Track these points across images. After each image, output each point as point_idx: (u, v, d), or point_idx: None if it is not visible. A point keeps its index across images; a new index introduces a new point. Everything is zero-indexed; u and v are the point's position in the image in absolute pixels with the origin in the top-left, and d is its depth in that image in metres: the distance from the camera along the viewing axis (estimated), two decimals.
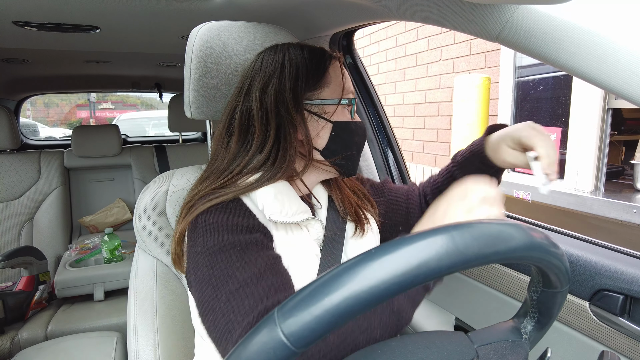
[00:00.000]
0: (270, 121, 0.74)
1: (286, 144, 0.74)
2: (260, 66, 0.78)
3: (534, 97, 3.33)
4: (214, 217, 0.69)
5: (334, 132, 0.78)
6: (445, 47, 4.25)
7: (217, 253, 0.65)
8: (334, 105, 0.78)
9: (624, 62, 0.52)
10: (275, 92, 0.74)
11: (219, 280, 0.63)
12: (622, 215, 2.54)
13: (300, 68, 0.76)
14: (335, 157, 0.79)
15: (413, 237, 0.34)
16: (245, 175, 0.74)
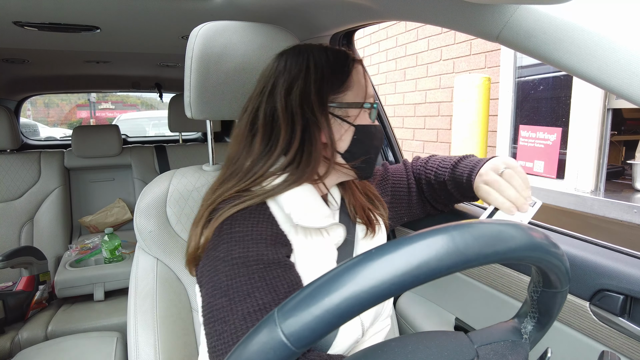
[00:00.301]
0: (296, 122, 0.74)
1: (311, 146, 0.74)
2: (284, 67, 0.77)
3: (534, 97, 3.33)
4: (240, 225, 0.68)
5: (356, 135, 0.78)
6: (445, 47, 4.25)
7: (240, 266, 0.65)
8: (357, 109, 0.78)
9: (624, 62, 0.52)
10: (301, 93, 0.74)
11: (237, 294, 0.62)
12: (623, 215, 2.54)
13: (325, 70, 0.76)
14: (356, 160, 0.79)
15: (413, 237, 0.34)
16: (271, 177, 0.74)
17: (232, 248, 0.66)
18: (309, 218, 0.71)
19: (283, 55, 0.79)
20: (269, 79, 0.78)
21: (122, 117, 7.72)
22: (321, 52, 0.78)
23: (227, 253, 0.66)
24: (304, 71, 0.75)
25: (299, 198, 0.72)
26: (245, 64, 0.91)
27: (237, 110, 0.94)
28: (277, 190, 0.72)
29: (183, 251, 0.92)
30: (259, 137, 0.76)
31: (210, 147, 1.02)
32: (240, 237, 0.67)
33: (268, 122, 0.76)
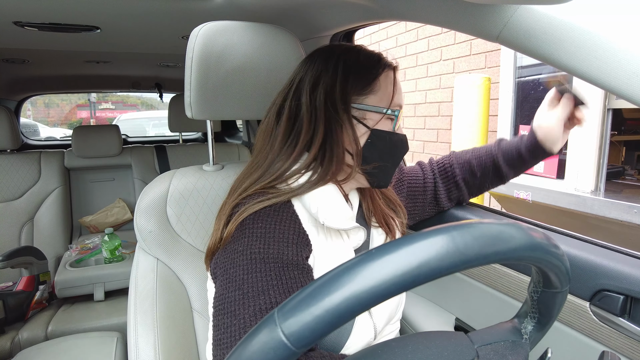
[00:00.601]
0: (319, 119, 0.74)
1: (332, 144, 0.74)
2: (314, 63, 0.77)
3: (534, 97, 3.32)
4: (263, 221, 0.68)
5: (369, 139, 0.76)
6: (445, 47, 4.25)
7: (258, 262, 0.64)
8: (377, 114, 0.76)
9: (624, 62, 0.52)
10: (326, 89, 0.74)
11: (251, 289, 0.62)
12: (623, 216, 2.54)
13: (352, 69, 0.75)
14: (368, 165, 0.77)
15: (413, 237, 0.34)
16: (296, 174, 0.73)
17: (253, 243, 0.66)
18: (335, 219, 0.71)
19: (316, 52, 0.79)
20: (297, 73, 0.78)
21: (122, 117, 7.72)
22: (353, 52, 0.78)
23: (246, 247, 0.66)
24: (332, 68, 0.75)
25: (325, 198, 0.72)
26: (245, 64, 0.91)
27: (237, 110, 0.94)
28: (302, 189, 0.71)
29: (183, 251, 0.93)
30: (281, 130, 0.76)
31: (211, 147, 1.02)
32: (262, 234, 0.67)
33: (292, 117, 0.76)
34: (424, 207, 1.04)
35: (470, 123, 3.52)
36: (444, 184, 1.04)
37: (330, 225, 0.71)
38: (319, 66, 0.76)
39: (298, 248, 0.68)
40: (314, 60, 0.78)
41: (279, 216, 0.69)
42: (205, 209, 0.94)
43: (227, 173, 0.98)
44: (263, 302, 0.60)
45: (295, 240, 0.68)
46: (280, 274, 0.64)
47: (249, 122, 2.78)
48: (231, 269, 0.65)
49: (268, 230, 0.67)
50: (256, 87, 0.94)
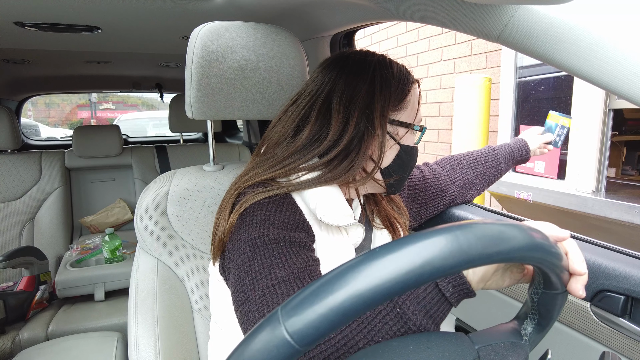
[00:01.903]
0: (348, 129, 0.74)
1: (355, 156, 0.74)
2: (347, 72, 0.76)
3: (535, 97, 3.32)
4: (262, 209, 0.69)
5: (399, 154, 0.79)
6: (446, 47, 4.25)
7: (260, 245, 0.65)
8: (405, 129, 0.78)
9: (625, 63, 0.52)
10: (363, 103, 0.74)
11: (258, 272, 0.63)
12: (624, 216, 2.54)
13: (390, 85, 0.76)
14: (392, 177, 0.79)
15: (417, 236, 0.34)
16: (301, 172, 0.74)
17: (252, 229, 0.67)
18: (333, 215, 0.72)
19: (345, 60, 0.79)
20: (327, 80, 0.77)
21: (122, 118, 7.72)
22: (386, 66, 0.78)
23: (247, 235, 0.67)
24: (369, 81, 0.75)
25: (324, 195, 0.73)
26: (245, 64, 0.91)
27: (238, 110, 0.94)
28: (303, 185, 0.72)
29: (184, 251, 0.93)
30: (306, 134, 0.76)
31: (211, 147, 1.02)
32: (262, 220, 0.68)
33: (319, 121, 0.76)
34: (425, 204, 1.05)
35: (470, 123, 3.51)
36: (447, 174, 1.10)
37: (328, 222, 0.72)
38: (353, 76, 0.76)
39: (298, 232, 0.69)
40: (346, 68, 0.77)
41: (279, 206, 0.70)
42: (206, 209, 0.94)
43: (228, 173, 0.98)
44: (270, 281, 0.61)
45: (295, 226, 0.69)
46: (283, 252, 0.65)
47: (250, 122, 2.78)
48: (238, 259, 0.67)
49: (267, 217, 0.68)
50: (256, 87, 0.94)
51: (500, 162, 1.17)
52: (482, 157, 1.15)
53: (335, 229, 0.77)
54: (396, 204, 0.93)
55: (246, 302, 0.63)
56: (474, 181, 1.12)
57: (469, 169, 1.12)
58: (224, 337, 0.80)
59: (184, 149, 2.71)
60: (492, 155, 1.17)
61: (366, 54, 0.80)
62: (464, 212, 1.09)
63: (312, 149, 0.75)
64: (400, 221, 0.91)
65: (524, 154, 1.22)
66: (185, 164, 2.50)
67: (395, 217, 0.90)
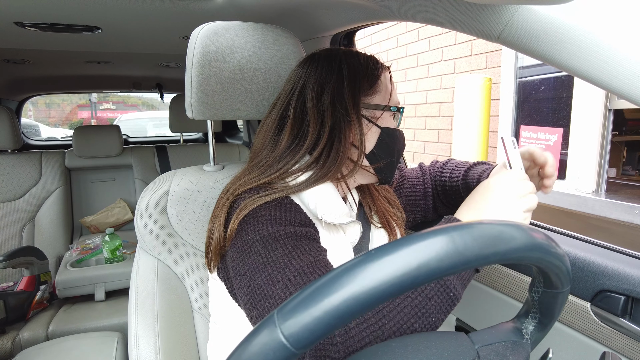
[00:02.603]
0: (325, 121, 0.75)
1: (339, 145, 0.76)
2: (316, 67, 0.79)
3: (535, 97, 3.32)
4: (266, 211, 0.69)
5: (381, 137, 0.79)
6: (446, 47, 4.24)
7: (272, 242, 0.65)
8: (382, 112, 0.80)
9: (625, 63, 0.52)
10: (333, 92, 0.76)
11: (275, 267, 0.63)
12: (624, 216, 2.54)
13: (358, 71, 0.78)
14: (379, 162, 0.80)
15: (413, 237, 0.34)
16: (295, 173, 0.75)
17: (261, 228, 0.67)
18: (333, 214, 0.73)
19: (314, 56, 0.81)
20: (299, 78, 0.80)
21: (123, 118, 7.72)
22: (353, 56, 0.80)
23: (255, 234, 0.67)
24: (336, 72, 0.77)
25: (322, 194, 0.74)
26: (246, 64, 0.91)
27: (238, 111, 0.94)
28: (300, 187, 0.73)
29: (184, 251, 0.93)
30: (287, 133, 0.77)
31: (211, 148, 1.02)
32: (268, 220, 0.68)
33: (297, 120, 0.77)
34: (426, 211, 1.04)
35: (471, 123, 3.51)
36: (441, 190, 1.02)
37: (329, 220, 0.73)
38: (322, 69, 0.78)
39: (304, 227, 0.70)
40: (315, 63, 0.79)
41: (282, 207, 0.70)
42: (206, 209, 0.94)
43: (228, 173, 0.98)
44: (289, 272, 0.61)
45: (301, 223, 0.70)
46: (296, 245, 0.65)
47: (250, 122, 2.78)
48: (248, 259, 0.66)
49: (273, 217, 0.68)
50: (257, 87, 0.94)
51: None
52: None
53: (334, 228, 0.77)
54: (392, 201, 0.94)
55: (266, 298, 0.61)
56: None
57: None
58: (224, 337, 0.80)
59: (184, 149, 2.71)
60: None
61: (332, 49, 0.83)
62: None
63: (299, 147, 0.77)
64: (397, 219, 0.92)
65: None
66: (185, 164, 2.50)
67: (390, 213, 0.91)
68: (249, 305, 0.65)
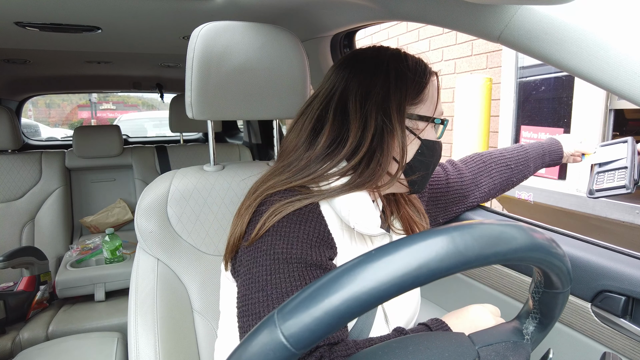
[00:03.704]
0: (368, 128, 0.71)
1: (380, 156, 0.71)
2: (361, 68, 0.74)
3: (535, 97, 3.32)
4: (287, 220, 0.66)
5: (420, 149, 0.76)
6: (446, 47, 4.24)
7: (281, 262, 0.64)
8: (425, 122, 0.75)
9: (625, 63, 0.52)
10: (378, 98, 0.71)
11: (274, 290, 0.62)
12: (624, 217, 2.54)
13: (407, 78, 0.73)
14: (414, 174, 0.76)
15: (413, 237, 0.34)
16: (331, 178, 0.71)
17: (276, 243, 0.65)
18: (366, 224, 0.70)
19: (358, 56, 0.77)
20: (341, 79, 0.75)
21: (123, 118, 7.72)
22: (401, 59, 0.75)
23: (270, 247, 0.65)
24: (383, 76, 0.73)
25: (356, 202, 0.70)
26: (246, 64, 0.91)
27: (238, 111, 0.94)
28: (334, 193, 0.69)
29: (184, 251, 0.93)
30: (325, 135, 0.73)
31: (211, 148, 1.02)
32: (286, 233, 0.65)
33: (337, 123, 0.73)
34: (446, 208, 1.02)
35: (471, 124, 3.51)
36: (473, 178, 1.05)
37: (360, 230, 0.69)
38: (367, 72, 0.73)
39: (321, 249, 0.67)
40: (360, 64, 0.75)
41: (304, 217, 0.67)
42: (206, 209, 0.94)
43: (228, 173, 0.98)
44: None
45: (319, 242, 0.67)
46: (303, 275, 0.63)
47: (250, 122, 2.78)
48: (254, 268, 0.65)
49: (292, 230, 0.66)
50: (257, 87, 0.94)
51: (529, 165, 1.11)
52: (513, 161, 1.09)
53: (360, 237, 0.74)
54: (417, 208, 0.90)
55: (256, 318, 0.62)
56: (499, 187, 1.08)
57: (497, 174, 1.07)
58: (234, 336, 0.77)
59: (184, 149, 2.71)
60: (523, 158, 1.10)
61: (379, 49, 0.78)
62: (464, 213, 1.09)
63: (336, 151, 0.72)
64: (420, 226, 0.88)
65: (555, 158, 1.14)
66: (185, 164, 2.48)
67: (415, 222, 0.87)
68: (239, 314, 0.65)
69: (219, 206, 0.94)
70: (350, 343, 0.63)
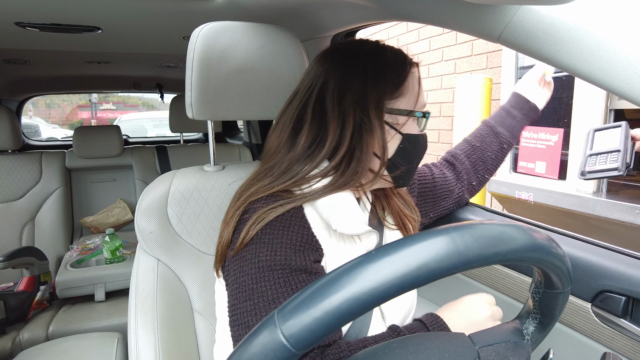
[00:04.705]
0: (346, 126, 0.70)
1: (360, 154, 0.71)
2: (338, 63, 0.73)
3: None
4: (270, 227, 0.66)
5: (402, 144, 0.74)
6: (446, 47, 4.24)
7: (266, 270, 0.64)
8: (406, 117, 0.74)
9: (626, 63, 0.52)
10: (356, 95, 0.70)
11: (261, 299, 0.62)
12: (625, 217, 2.53)
13: (384, 72, 0.72)
14: (397, 169, 0.75)
15: (413, 238, 0.34)
16: (312, 180, 0.70)
17: (260, 250, 0.65)
18: (347, 225, 0.69)
19: (337, 50, 0.76)
20: (319, 74, 0.74)
21: (123, 118, 7.73)
22: (379, 52, 0.74)
23: (254, 255, 0.65)
24: (361, 71, 0.71)
25: (338, 203, 0.69)
26: (246, 65, 0.91)
27: (238, 111, 0.94)
28: (316, 195, 0.69)
29: (184, 252, 0.93)
30: (305, 135, 0.72)
31: (212, 148, 1.02)
32: (270, 240, 0.65)
33: (316, 121, 0.72)
34: (434, 203, 1.03)
35: (471, 124, 3.51)
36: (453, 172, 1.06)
37: (343, 231, 0.69)
38: (344, 67, 0.72)
39: (306, 253, 0.67)
40: (338, 58, 0.74)
41: (287, 222, 0.67)
42: (206, 209, 0.94)
43: (228, 173, 0.98)
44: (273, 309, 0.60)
45: (302, 246, 0.67)
46: (289, 280, 0.63)
47: (250, 122, 2.78)
48: (240, 278, 0.66)
49: (275, 237, 0.66)
50: (257, 87, 0.94)
51: (498, 132, 1.06)
52: (477, 140, 1.08)
53: (348, 237, 0.74)
54: (406, 201, 0.89)
55: (245, 327, 0.63)
56: (473, 170, 1.07)
57: (465, 159, 1.07)
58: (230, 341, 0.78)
59: (185, 149, 2.71)
60: (486, 131, 1.08)
61: (358, 42, 0.77)
62: (464, 213, 1.09)
63: (317, 152, 0.72)
64: (412, 219, 0.87)
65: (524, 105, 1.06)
66: (185, 164, 2.49)
67: (406, 215, 0.86)
68: (230, 323, 0.66)
69: (219, 206, 0.94)
70: (343, 345, 0.62)
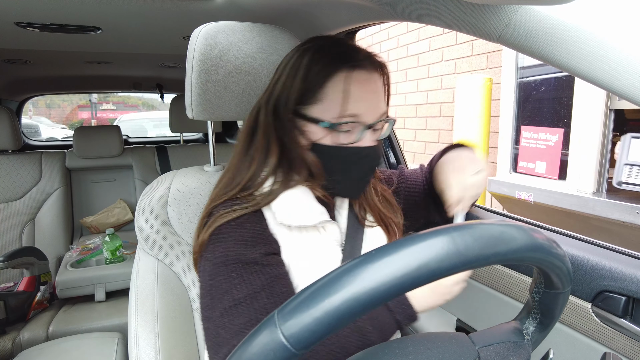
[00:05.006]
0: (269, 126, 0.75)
1: (289, 152, 0.74)
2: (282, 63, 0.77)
3: (536, 97, 3.31)
4: (226, 229, 0.70)
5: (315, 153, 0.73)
6: (447, 47, 4.24)
7: (220, 265, 0.68)
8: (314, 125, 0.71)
9: (626, 63, 0.52)
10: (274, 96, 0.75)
11: (217, 292, 0.66)
12: (625, 217, 2.53)
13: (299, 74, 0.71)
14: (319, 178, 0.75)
15: (413, 238, 0.34)
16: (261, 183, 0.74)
17: (216, 249, 0.69)
18: (293, 217, 0.72)
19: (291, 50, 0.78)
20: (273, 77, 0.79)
21: (123, 118, 7.73)
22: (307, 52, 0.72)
23: (211, 253, 0.69)
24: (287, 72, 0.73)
25: (286, 199, 0.73)
26: (246, 65, 0.91)
27: (238, 111, 0.94)
28: (269, 198, 0.72)
29: (184, 252, 0.93)
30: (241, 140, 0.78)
31: (212, 148, 1.02)
32: (224, 239, 0.69)
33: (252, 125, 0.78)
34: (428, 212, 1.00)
35: (471, 124, 3.52)
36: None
37: (288, 224, 0.72)
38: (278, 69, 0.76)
39: (257, 247, 0.70)
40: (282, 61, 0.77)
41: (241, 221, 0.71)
42: None
43: None
44: (227, 301, 0.64)
45: (254, 240, 0.70)
46: (241, 272, 0.66)
47: None
48: (202, 277, 0.71)
49: (229, 235, 0.70)
50: (257, 87, 0.93)
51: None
52: None
53: (311, 229, 0.75)
54: (389, 202, 0.90)
55: (206, 320, 0.67)
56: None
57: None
58: None
59: (185, 149, 2.71)
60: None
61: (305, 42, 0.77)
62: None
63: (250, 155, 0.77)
64: (394, 220, 0.88)
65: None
66: (185, 164, 2.48)
67: (384, 214, 0.86)
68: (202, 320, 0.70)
69: None
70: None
